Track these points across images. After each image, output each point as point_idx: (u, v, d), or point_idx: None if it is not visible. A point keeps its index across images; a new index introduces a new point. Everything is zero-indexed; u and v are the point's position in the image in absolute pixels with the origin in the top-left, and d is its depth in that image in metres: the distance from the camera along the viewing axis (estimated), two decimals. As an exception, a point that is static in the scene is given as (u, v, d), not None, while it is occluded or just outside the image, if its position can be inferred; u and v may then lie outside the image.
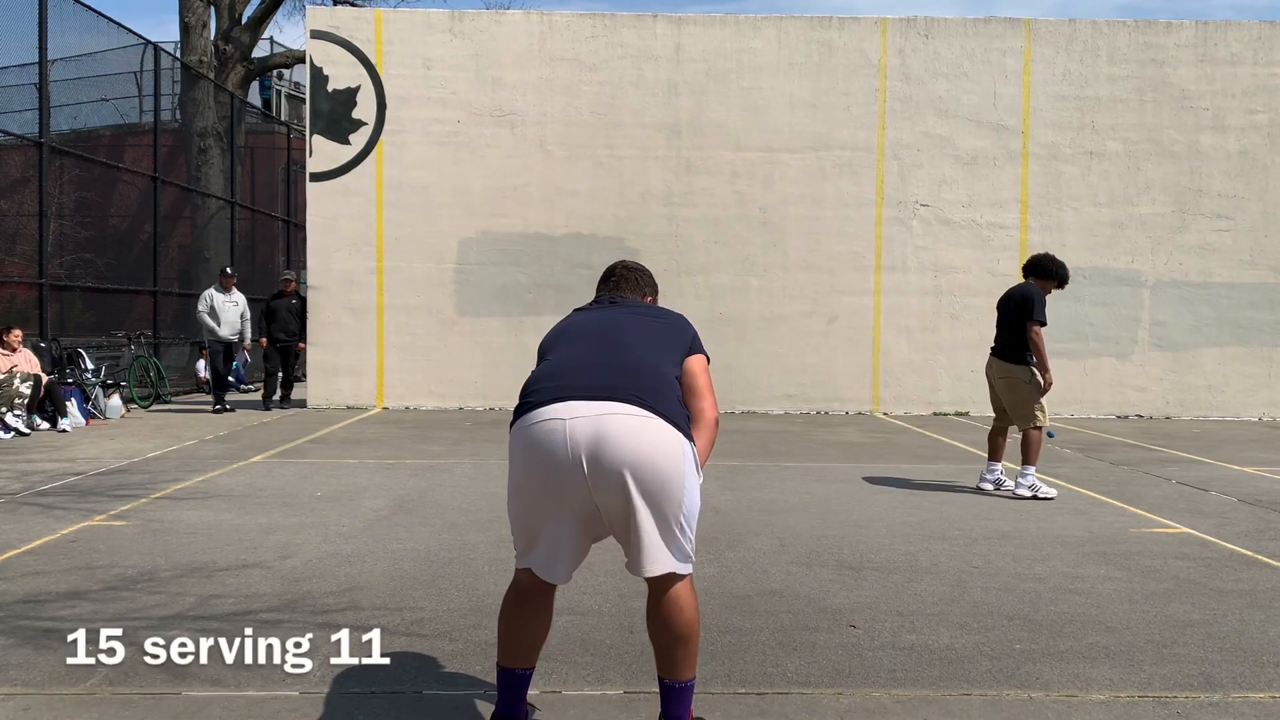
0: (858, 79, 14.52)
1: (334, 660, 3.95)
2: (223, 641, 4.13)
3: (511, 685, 3.18)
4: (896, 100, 14.53)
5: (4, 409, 10.90)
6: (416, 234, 14.42)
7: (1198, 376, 14.64)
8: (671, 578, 3.09)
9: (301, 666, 3.88)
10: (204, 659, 3.93)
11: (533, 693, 3.66)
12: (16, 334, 11.54)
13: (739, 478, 8.65)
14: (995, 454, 8.10)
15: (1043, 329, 7.67)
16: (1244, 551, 6.05)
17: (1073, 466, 9.57)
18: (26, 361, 11.56)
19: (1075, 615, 4.69)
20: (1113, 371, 14.69)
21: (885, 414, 14.51)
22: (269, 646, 4.08)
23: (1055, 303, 14.59)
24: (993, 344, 8.01)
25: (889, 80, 14.52)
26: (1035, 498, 7.70)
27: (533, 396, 3.22)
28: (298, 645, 4.11)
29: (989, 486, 8.07)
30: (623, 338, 3.31)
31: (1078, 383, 14.62)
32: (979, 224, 14.61)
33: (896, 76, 14.52)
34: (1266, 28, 14.67)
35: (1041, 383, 7.68)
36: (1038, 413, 7.75)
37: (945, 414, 14.47)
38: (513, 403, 16.63)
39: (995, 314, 8.02)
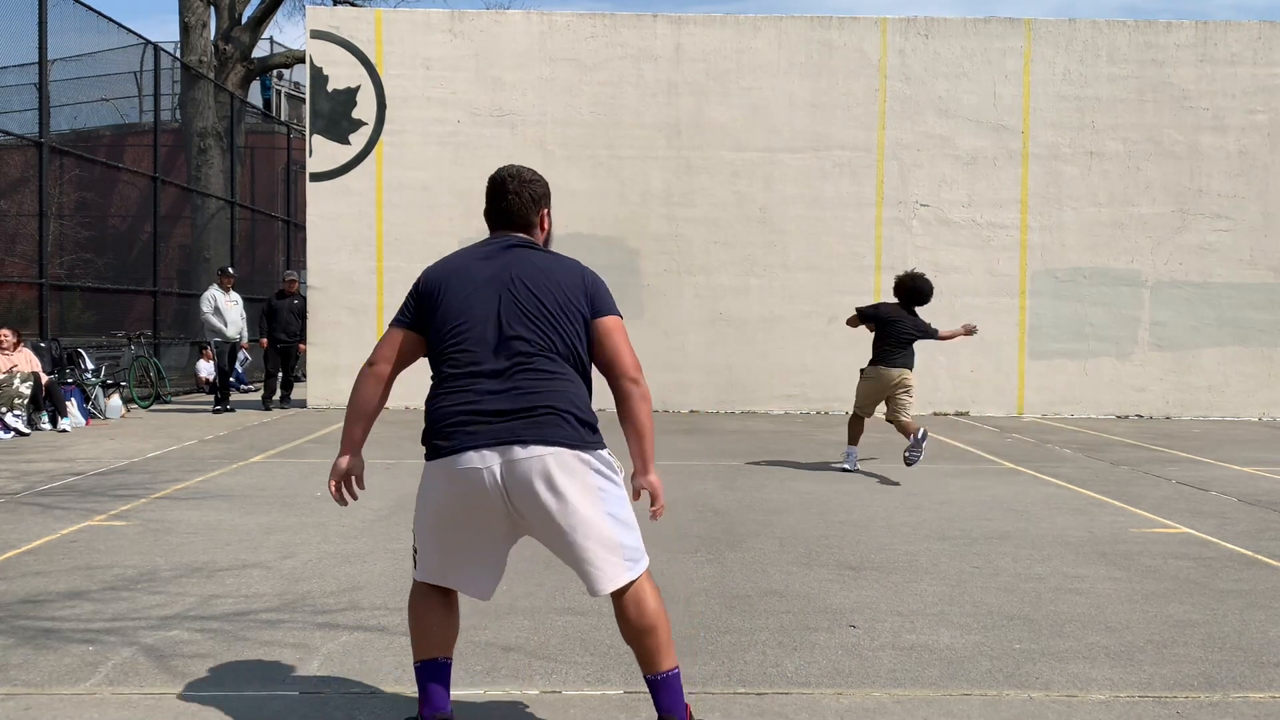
0: (858, 79, 14.52)
1: (334, 660, 3.95)
2: (223, 641, 4.14)
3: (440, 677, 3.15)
4: (896, 100, 14.53)
5: (4, 409, 10.90)
6: (416, 234, 14.42)
7: (1198, 376, 14.64)
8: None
9: (301, 666, 3.88)
10: (204, 659, 3.93)
11: (532, 692, 3.66)
12: (4, 333, 11.49)
13: (739, 478, 8.65)
14: (857, 439, 9.25)
15: None
16: (1244, 551, 6.05)
17: (1073, 466, 9.57)
18: (26, 361, 11.56)
19: (1075, 615, 4.69)
20: (1113, 371, 14.69)
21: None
22: (269, 646, 4.08)
23: (1056, 303, 14.63)
24: (889, 356, 9.06)
25: (889, 80, 14.52)
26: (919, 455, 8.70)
27: (444, 422, 3.04)
28: (298, 645, 4.11)
29: (849, 467, 9.15)
30: (517, 313, 3.02)
31: (1078, 382, 14.62)
32: (979, 224, 14.61)
33: (896, 76, 14.52)
34: (1266, 28, 14.67)
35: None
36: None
37: (945, 414, 14.47)
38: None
39: (893, 322, 9.09)
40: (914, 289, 9.08)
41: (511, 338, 3.00)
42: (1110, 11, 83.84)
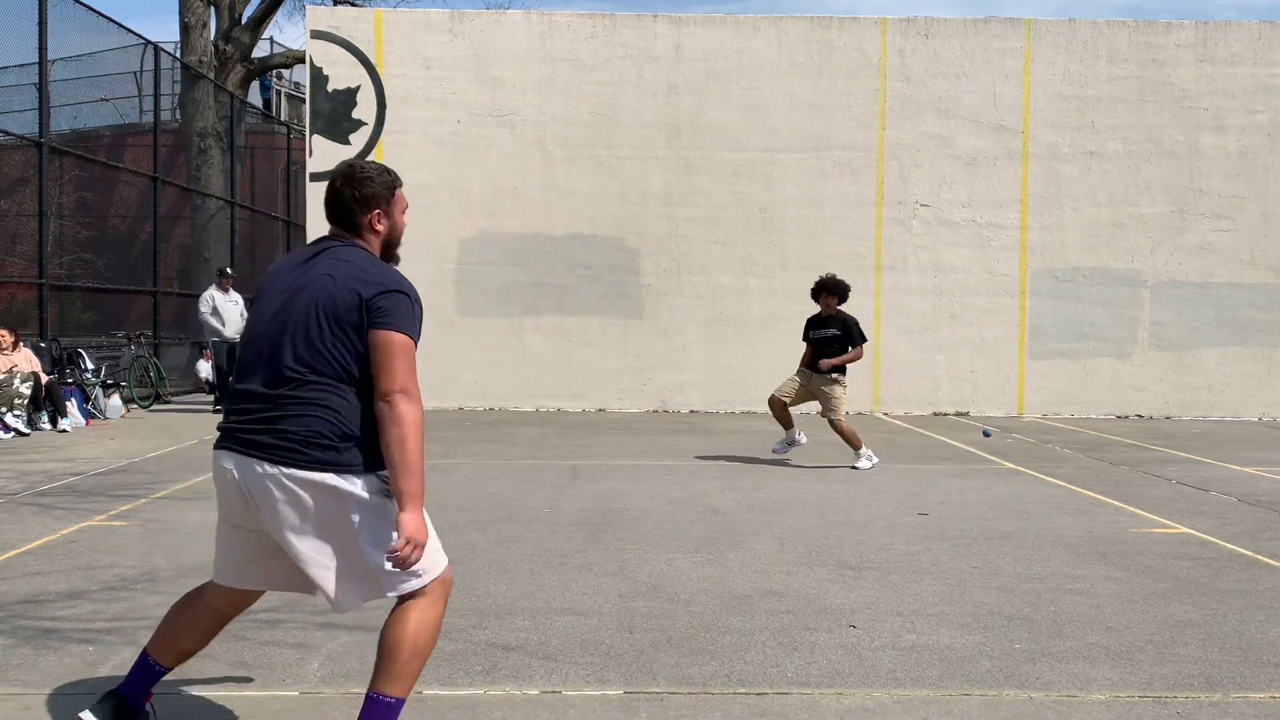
0: (858, 79, 14.52)
1: (334, 660, 3.95)
2: (223, 641, 4.13)
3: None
4: (896, 100, 14.53)
5: (3, 409, 10.90)
6: (416, 234, 14.38)
7: (1198, 376, 14.64)
8: (404, 597, 2.92)
9: (301, 666, 3.88)
10: (204, 659, 3.93)
11: (532, 692, 3.66)
12: (3, 334, 11.48)
13: (739, 478, 8.65)
14: (790, 422, 9.46)
15: None
16: (1244, 551, 6.05)
17: (1073, 466, 9.57)
18: (26, 361, 11.55)
19: (1075, 615, 4.69)
20: (1113, 371, 14.69)
21: (885, 414, 14.51)
22: (269, 646, 4.08)
23: (1056, 303, 14.63)
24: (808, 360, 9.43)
25: (889, 80, 14.52)
26: (864, 467, 9.17)
27: (226, 406, 3.09)
28: (298, 645, 4.11)
29: (781, 446, 9.48)
30: (290, 329, 2.87)
31: (1078, 382, 14.62)
32: (979, 224, 14.61)
33: (896, 76, 14.52)
34: (1266, 28, 14.67)
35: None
36: (843, 408, 9.33)
37: (945, 414, 14.47)
38: (513, 403, 16.62)
39: (808, 330, 9.49)
40: (841, 291, 9.54)
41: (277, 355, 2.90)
42: (1112, 12, 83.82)
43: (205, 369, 16.27)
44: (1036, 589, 5.15)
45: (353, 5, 21.97)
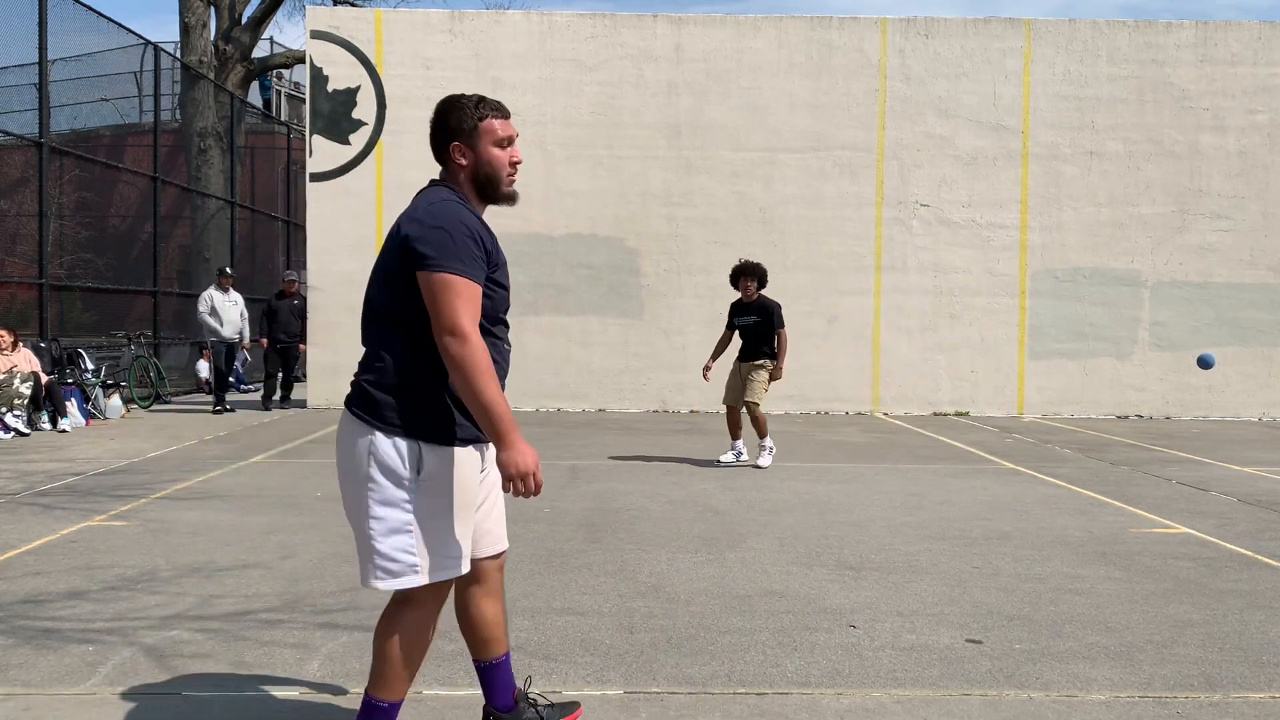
0: (858, 79, 14.52)
1: (334, 660, 3.95)
2: (223, 641, 4.14)
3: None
4: (896, 100, 14.53)
5: (3, 409, 10.90)
6: (416, 234, 14.41)
7: (1198, 376, 14.64)
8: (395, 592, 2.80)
9: (301, 666, 3.88)
10: (204, 659, 3.93)
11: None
12: (3, 334, 11.49)
13: (739, 478, 8.65)
14: (738, 433, 9.45)
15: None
16: (1244, 551, 6.05)
17: (1073, 466, 9.57)
18: (26, 361, 11.56)
19: (1075, 615, 4.69)
20: (1113, 371, 14.69)
21: (885, 414, 14.51)
22: (269, 646, 4.08)
23: (1056, 303, 14.63)
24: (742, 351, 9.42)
25: (889, 80, 14.52)
26: (764, 464, 9.23)
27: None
28: (298, 645, 4.11)
29: (730, 458, 9.44)
30: (372, 275, 2.85)
31: (1078, 382, 14.62)
32: (979, 224, 14.61)
33: (896, 76, 14.52)
34: (1266, 28, 14.67)
35: (774, 370, 9.28)
36: (763, 394, 9.24)
37: (945, 414, 14.47)
38: (513, 403, 16.56)
39: (744, 321, 9.39)
40: (761, 274, 9.39)
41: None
42: (1113, 12, 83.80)
43: (205, 369, 16.28)
44: (1036, 589, 5.14)
45: (353, 5, 21.97)
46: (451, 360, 2.60)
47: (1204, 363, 7.51)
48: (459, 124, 2.87)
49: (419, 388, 2.71)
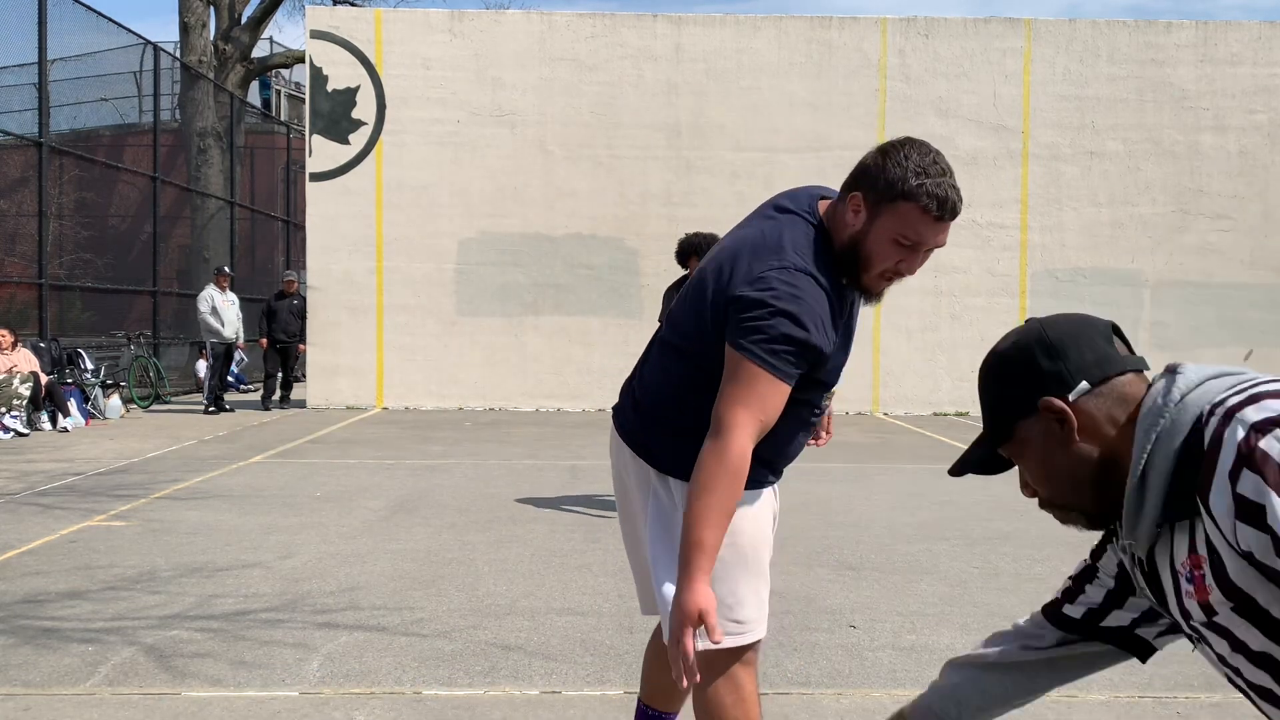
0: (858, 79, 14.51)
1: (334, 660, 3.95)
2: (223, 641, 4.14)
3: None
4: (896, 100, 14.53)
5: (3, 409, 10.89)
6: (416, 234, 14.42)
7: (1198, 376, 14.62)
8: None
9: (301, 666, 3.88)
10: (204, 659, 3.93)
11: (532, 692, 3.66)
12: (3, 334, 11.49)
13: (739, 478, 8.64)
14: None
15: None
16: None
17: (1073, 466, 9.56)
18: (25, 361, 11.56)
19: (1075, 615, 4.68)
20: (1113, 371, 14.67)
21: (885, 414, 14.50)
22: (269, 646, 4.08)
23: (1056, 303, 14.61)
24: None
25: (889, 80, 14.52)
26: None
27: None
28: (298, 645, 4.11)
29: None
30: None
31: (1078, 383, 14.61)
32: (979, 224, 14.60)
33: (896, 76, 14.52)
34: (1266, 28, 14.67)
35: None
36: None
37: (945, 414, 14.47)
38: (513, 403, 16.53)
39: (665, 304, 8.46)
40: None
41: None
42: (1116, 12, 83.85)
43: (204, 369, 16.28)
44: (1036, 589, 5.14)
45: (353, 5, 21.97)
46: (702, 454, 2.11)
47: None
48: (880, 180, 2.15)
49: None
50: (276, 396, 14.60)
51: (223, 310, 13.81)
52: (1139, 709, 3.58)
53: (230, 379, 15.88)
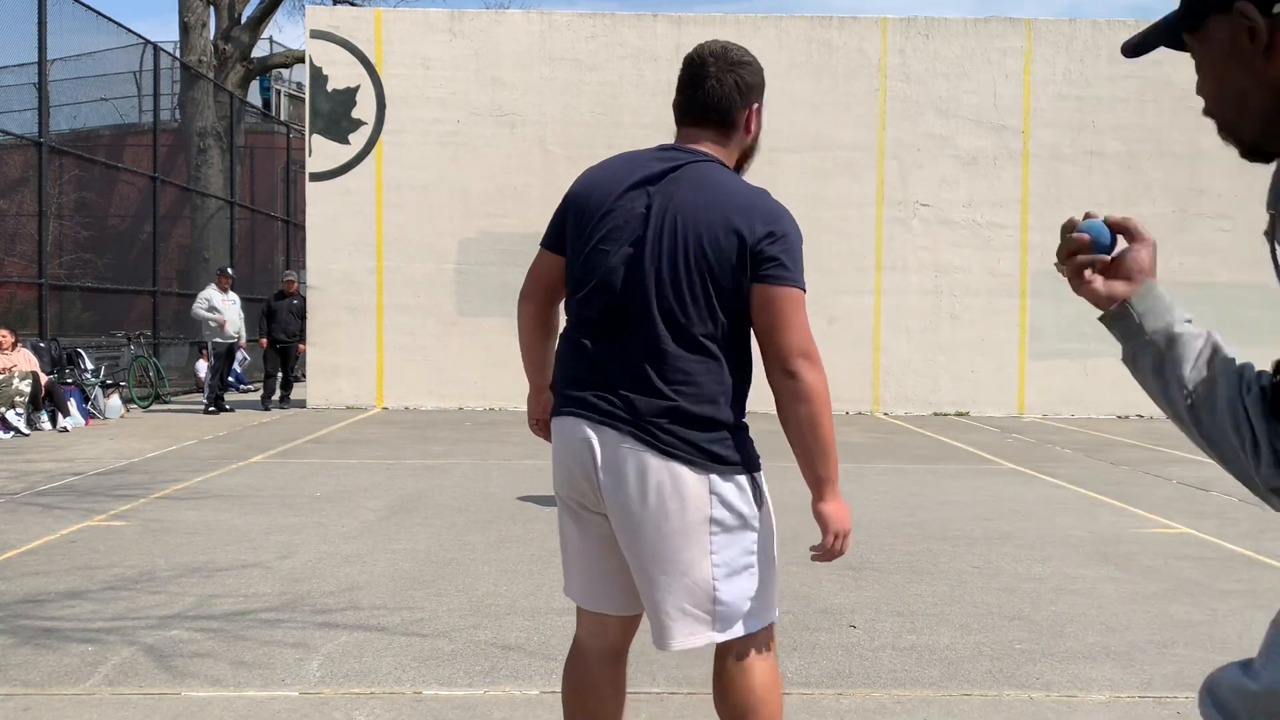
0: (858, 79, 14.51)
1: (334, 660, 3.95)
2: (223, 641, 4.13)
3: None
4: (896, 100, 14.53)
5: (3, 409, 10.89)
6: (416, 234, 14.42)
7: (1198, 376, 14.62)
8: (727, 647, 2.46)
9: (301, 666, 3.88)
10: (204, 659, 3.93)
11: (532, 692, 3.66)
12: (4, 333, 11.50)
13: (739, 478, 8.64)
14: None
15: None
16: (1244, 552, 6.05)
17: (1073, 467, 9.57)
18: (25, 361, 11.56)
19: (1075, 615, 4.69)
20: (1114, 371, 14.67)
21: (885, 414, 14.50)
22: (269, 646, 4.08)
23: (1056, 303, 14.62)
24: None
25: (889, 80, 14.52)
26: None
27: (570, 367, 2.46)
28: (298, 645, 4.11)
29: None
30: (654, 272, 2.35)
31: (1079, 383, 14.61)
32: (979, 224, 14.60)
33: (897, 76, 14.52)
34: (1266, 28, 14.66)
35: None
36: None
37: (945, 414, 14.46)
38: (513, 403, 16.55)
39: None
40: None
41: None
42: (1119, 13, 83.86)
43: (204, 369, 16.28)
44: (1036, 589, 5.14)
45: (352, 5, 21.97)
46: (807, 391, 2.27)
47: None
48: (757, 83, 2.42)
49: (743, 416, 2.38)
50: (276, 396, 14.60)
51: (223, 310, 13.81)
52: (1139, 709, 3.58)
53: (231, 379, 15.88)
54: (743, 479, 2.35)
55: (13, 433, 10.78)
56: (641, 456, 2.24)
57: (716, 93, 2.39)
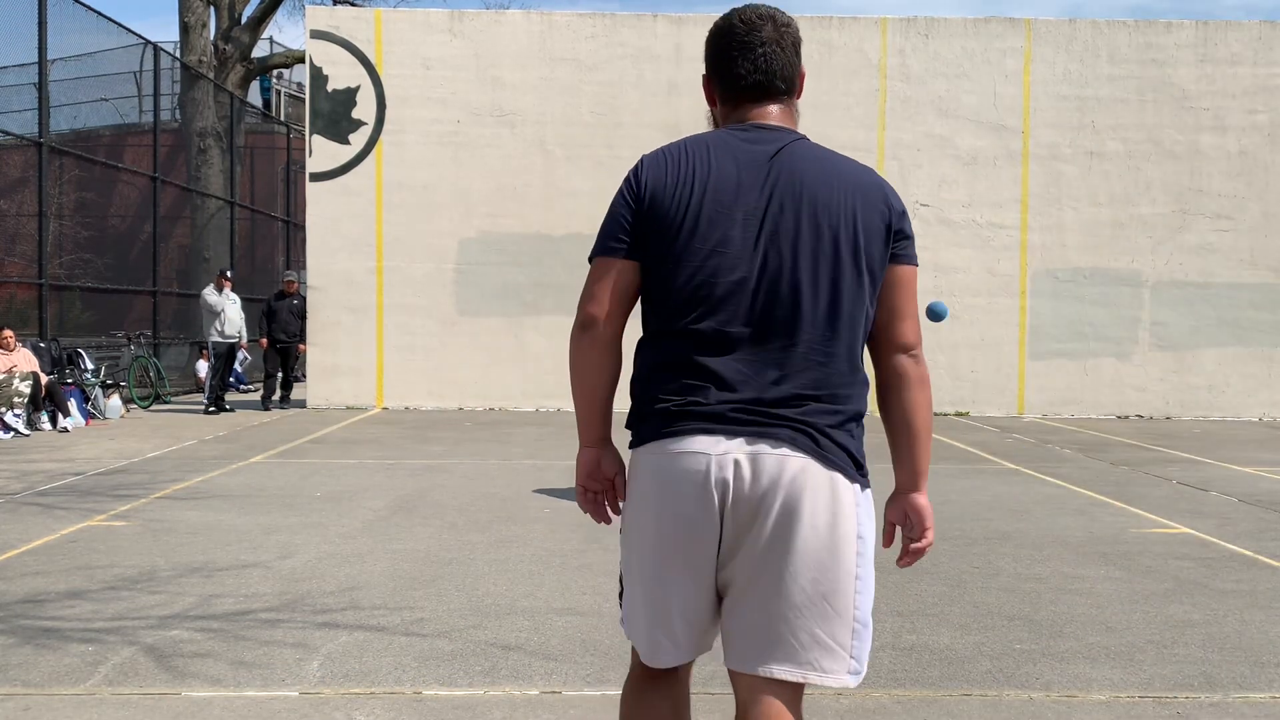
0: (858, 79, 14.51)
1: (334, 660, 3.95)
2: (223, 641, 4.14)
3: None
4: (896, 100, 14.53)
5: (3, 409, 10.90)
6: (416, 234, 14.42)
7: (1198, 376, 14.64)
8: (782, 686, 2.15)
9: (301, 666, 3.88)
10: (204, 659, 3.93)
11: (532, 692, 3.66)
12: (8, 334, 11.51)
13: (739, 478, 8.64)
14: None
15: None
16: (1244, 552, 6.05)
17: (1073, 467, 9.57)
18: (25, 361, 11.56)
19: (1075, 615, 4.69)
20: (1113, 371, 14.68)
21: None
22: (269, 646, 4.08)
23: (1056, 303, 14.62)
24: None
25: (889, 80, 14.52)
26: None
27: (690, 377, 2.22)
28: (298, 645, 4.11)
29: None
30: (794, 262, 2.08)
31: (1078, 383, 14.61)
32: (979, 224, 14.60)
33: (896, 76, 14.52)
34: (1266, 27, 14.67)
35: None
36: None
37: (945, 414, 14.46)
38: (513, 403, 16.56)
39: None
40: None
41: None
42: (1118, 12, 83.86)
43: (204, 369, 16.28)
44: (1036, 589, 5.14)
45: (353, 5, 21.97)
46: (924, 376, 2.15)
47: (934, 313, 6.62)
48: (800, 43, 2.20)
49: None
50: (276, 396, 14.60)
51: (224, 310, 13.83)
52: (1139, 709, 3.58)
53: (232, 379, 15.88)
54: (870, 493, 2.16)
55: (13, 433, 10.79)
56: (804, 466, 2.03)
57: (780, 59, 2.17)
